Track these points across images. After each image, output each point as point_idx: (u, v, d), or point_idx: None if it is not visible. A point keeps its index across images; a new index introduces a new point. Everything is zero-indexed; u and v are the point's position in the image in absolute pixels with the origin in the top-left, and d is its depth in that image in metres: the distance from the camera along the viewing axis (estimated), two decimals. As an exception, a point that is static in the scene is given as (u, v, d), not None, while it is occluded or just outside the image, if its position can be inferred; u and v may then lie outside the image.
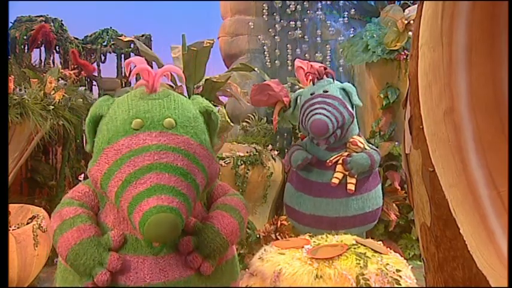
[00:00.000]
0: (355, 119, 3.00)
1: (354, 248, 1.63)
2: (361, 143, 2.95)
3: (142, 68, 1.71)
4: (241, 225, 1.75)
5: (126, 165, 1.51)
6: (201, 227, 1.66)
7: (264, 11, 4.88)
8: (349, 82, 4.43)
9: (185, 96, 1.84)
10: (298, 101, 3.08)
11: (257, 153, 3.72)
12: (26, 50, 4.40)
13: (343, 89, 2.96)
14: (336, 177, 2.89)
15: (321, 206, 2.95)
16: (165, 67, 1.80)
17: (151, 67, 4.74)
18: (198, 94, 3.43)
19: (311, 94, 2.94)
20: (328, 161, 2.92)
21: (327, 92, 2.90)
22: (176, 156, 1.55)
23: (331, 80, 3.03)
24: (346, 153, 2.92)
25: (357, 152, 2.93)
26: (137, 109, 1.62)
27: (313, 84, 3.02)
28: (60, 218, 1.60)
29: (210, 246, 1.63)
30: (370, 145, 3.11)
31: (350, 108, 2.91)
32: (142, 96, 1.68)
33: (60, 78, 3.78)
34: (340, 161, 2.91)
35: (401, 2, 4.53)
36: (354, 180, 2.88)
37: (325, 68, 3.08)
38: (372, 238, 1.94)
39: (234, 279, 1.83)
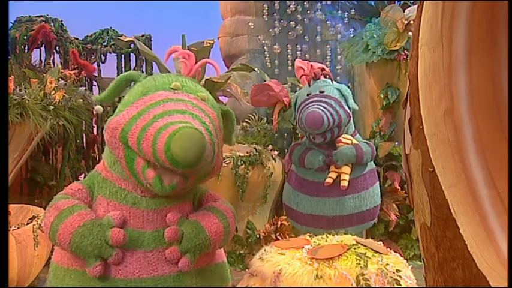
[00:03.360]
0: (351, 119, 3.01)
1: (354, 248, 1.63)
2: (347, 139, 2.95)
3: (187, 52, 1.87)
4: (226, 230, 1.73)
5: (159, 107, 1.56)
6: (185, 221, 1.66)
7: (264, 11, 4.88)
8: (349, 82, 4.48)
9: None
10: (295, 102, 3.08)
11: (257, 153, 3.72)
12: (26, 50, 4.39)
13: (339, 90, 2.97)
14: (329, 177, 2.90)
15: (317, 205, 2.96)
16: (204, 60, 1.92)
17: (152, 67, 4.73)
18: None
19: (307, 95, 2.94)
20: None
21: (323, 92, 2.91)
22: (206, 117, 1.62)
23: (329, 81, 3.03)
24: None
25: None
26: (177, 78, 1.73)
27: (309, 85, 3.02)
28: (57, 210, 1.59)
29: (192, 241, 1.61)
30: (364, 140, 3.11)
31: (347, 108, 2.91)
32: (179, 75, 1.82)
33: (60, 79, 3.77)
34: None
35: (402, 2, 4.53)
36: (346, 177, 2.88)
37: (322, 69, 3.08)
38: (372, 238, 1.94)
39: (224, 285, 1.83)
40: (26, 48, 4.40)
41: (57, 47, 4.57)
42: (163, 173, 1.52)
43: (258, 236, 3.67)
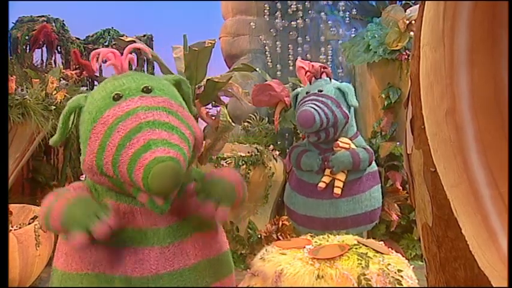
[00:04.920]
0: (352, 120, 2.99)
1: (356, 248, 1.63)
2: (345, 143, 2.92)
3: (108, 51, 1.78)
4: (243, 182, 1.77)
5: (116, 132, 1.52)
6: (203, 184, 1.67)
7: (266, 11, 4.88)
8: (350, 82, 4.47)
9: None
10: (296, 100, 3.07)
11: (258, 153, 3.72)
12: (27, 50, 4.40)
13: (339, 89, 2.94)
14: (323, 181, 2.89)
15: (312, 207, 2.95)
16: (130, 45, 1.85)
17: (153, 67, 4.72)
18: (199, 94, 3.44)
19: (306, 93, 2.95)
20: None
21: (321, 91, 2.90)
22: (161, 113, 1.57)
23: (329, 79, 3.02)
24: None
25: None
26: (113, 86, 1.66)
27: (310, 83, 3.02)
28: (54, 195, 1.58)
29: (220, 192, 1.62)
30: (363, 144, 3.08)
31: (345, 109, 2.88)
32: (114, 77, 1.73)
33: (61, 79, 3.78)
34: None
35: (403, 2, 4.53)
36: (340, 184, 2.86)
37: (323, 68, 3.07)
38: (373, 238, 1.94)
39: (230, 272, 1.84)
40: (28, 48, 4.41)
41: (58, 47, 4.58)
42: None
43: (259, 236, 3.67)
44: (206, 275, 1.67)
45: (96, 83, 4.74)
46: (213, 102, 3.60)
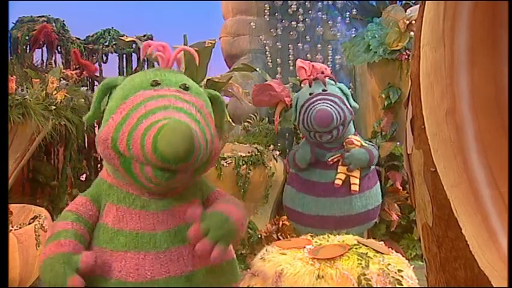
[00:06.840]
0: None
1: (356, 248, 1.63)
2: (358, 141, 2.96)
3: (161, 43, 1.80)
4: (245, 219, 1.69)
5: (142, 107, 1.52)
6: (207, 215, 1.59)
7: (266, 11, 4.88)
8: (350, 82, 4.48)
9: None
10: (296, 103, 3.07)
11: (259, 153, 3.72)
12: (27, 50, 4.40)
13: (340, 88, 2.99)
14: (338, 178, 2.90)
15: (325, 206, 2.96)
16: (181, 46, 1.89)
17: (153, 67, 4.73)
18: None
19: (310, 94, 2.95)
20: (329, 159, 2.94)
21: (326, 90, 2.92)
22: (191, 107, 1.58)
23: (330, 80, 3.03)
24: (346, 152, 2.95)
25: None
26: (155, 74, 1.68)
27: (310, 86, 3.02)
28: (51, 230, 1.58)
29: (219, 231, 1.54)
30: (368, 142, 3.12)
31: (349, 106, 2.93)
32: (158, 68, 1.77)
33: (62, 79, 3.78)
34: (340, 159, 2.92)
35: (403, 2, 4.53)
36: (357, 181, 2.89)
37: (322, 72, 3.08)
38: (373, 238, 1.94)
39: (234, 281, 1.82)
40: (28, 48, 4.41)
41: (58, 47, 4.58)
42: None
43: (259, 236, 3.67)
44: (204, 283, 1.64)
45: (96, 83, 4.75)
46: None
